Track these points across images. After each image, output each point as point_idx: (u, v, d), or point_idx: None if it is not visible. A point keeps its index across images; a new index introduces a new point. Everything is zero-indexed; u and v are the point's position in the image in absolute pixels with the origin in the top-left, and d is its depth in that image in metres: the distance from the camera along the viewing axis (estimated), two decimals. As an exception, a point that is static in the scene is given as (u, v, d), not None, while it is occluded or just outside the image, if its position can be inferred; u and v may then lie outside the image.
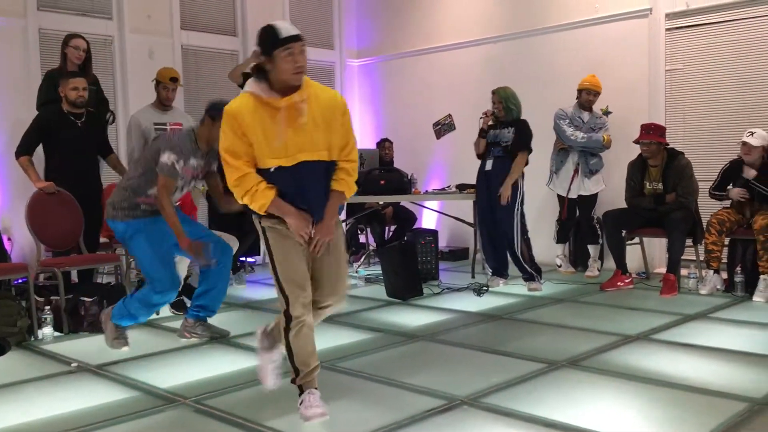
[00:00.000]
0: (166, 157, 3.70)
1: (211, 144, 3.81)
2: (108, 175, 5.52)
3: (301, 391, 2.76)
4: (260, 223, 2.74)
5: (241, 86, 6.50)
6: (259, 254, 6.70)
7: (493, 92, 5.47)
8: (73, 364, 3.68)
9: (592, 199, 5.95)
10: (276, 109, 2.58)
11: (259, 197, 2.62)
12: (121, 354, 3.79)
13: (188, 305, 4.34)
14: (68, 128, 4.75)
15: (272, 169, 2.62)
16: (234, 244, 5.06)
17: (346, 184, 2.77)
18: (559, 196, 6.07)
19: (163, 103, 5.54)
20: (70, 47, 5.14)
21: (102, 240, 5.28)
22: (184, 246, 3.79)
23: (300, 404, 2.74)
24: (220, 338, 4.10)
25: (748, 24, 5.67)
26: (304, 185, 2.66)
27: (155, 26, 6.72)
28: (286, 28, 2.56)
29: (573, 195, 5.95)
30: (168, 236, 3.81)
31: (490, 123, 5.48)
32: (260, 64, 2.61)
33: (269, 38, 2.56)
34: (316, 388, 2.76)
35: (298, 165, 2.63)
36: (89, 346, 4.04)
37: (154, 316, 4.69)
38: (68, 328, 4.35)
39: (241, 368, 3.53)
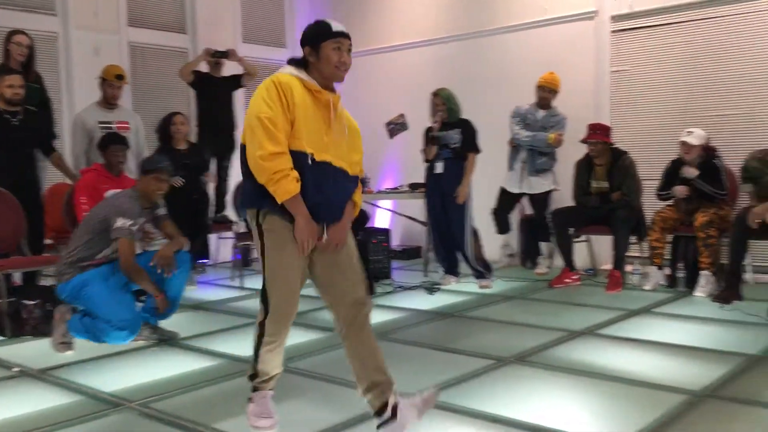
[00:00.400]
0: (121, 223, 3.73)
1: (150, 198, 3.92)
2: (53, 175, 5.38)
3: (255, 389, 2.65)
4: (259, 223, 2.48)
5: (191, 84, 6.43)
6: (208, 256, 6.62)
7: (435, 93, 5.48)
8: (14, 369, 3.58)
9: (543, 197, 6.01)
10: (318, 99, 2.47)
11: (286, 184, 2.35)
12: (65, 357, 3.71)
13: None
14: (3, 126, 4.61)
15: (308, 154, 2.41)
16: (185, 245, 4.99)
17: (359, 196, 2.67)
18: (503, 189, 6.11)
19: (108, 102, 5.43)
20: (12, 44, 5.00)
21: (47, 242, 5.15)
22: (158, 299, 3.87)
23: (250, 403, 2.64)
24: (168, 340, 4.04)
25: (689, 27, 5.84)
26: (324, 184, 2.46)
27: (101, 23, 6.58)
28: (337, 24, 2.53)
29: (516, 190, 6.01)
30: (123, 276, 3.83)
31: (429, 125, 5.52)
32: (303, 56, 2.51)
33: (320, 30, 2.51)
34: (271, 389, 2.66)
35: (325, 164, 2.47)
36: (31, 350, 3.94)
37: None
38: (10, 332, 4.23)
39: (189, 370, 3.48)
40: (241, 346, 3.91)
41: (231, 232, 6.55)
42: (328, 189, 2.48)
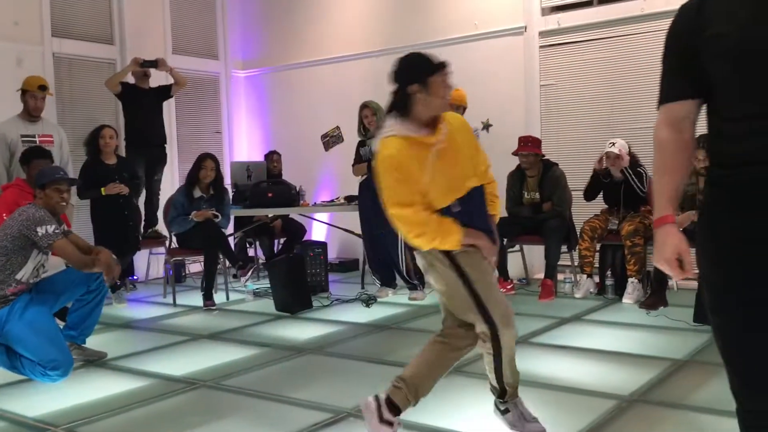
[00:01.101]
0: (43, 231, 3.54)
1: (55, 211, 3.73)
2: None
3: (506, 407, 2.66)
4: (441, 254, 2.52)
5: (118, 95, 6.27)
6: (134, 273, 6.43)
7: (365, 105, 5.48)
8: (-72, 397, 3.39)
9: None
10: (429, 146, 2.44)
11: (452, 232, 2.45)
12: (-15, 383, 3.53)
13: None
14: None
15: (450, 207, 2.48)
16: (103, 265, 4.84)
17: (497, 208, 2.74)
18: None
19: (31, 114, 5.24)
20: None
21: None
22: (108, 277, 3.73)
23: (508, 414, 2.66)
24: (95, 361, 3.90)
25: (614, 42, 6.05)
26: (473, 212, 2.55)
27: (23, 33, 6.33)
28: (433, 55, 2.52)
29: None
30: (48, 304, 3.65)
31: (360, 139, 5.54)
32: (407, 95, 2.46)
33: (424, 64, 2.49)
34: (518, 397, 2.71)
35: (468, 193, 2.53)
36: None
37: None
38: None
39: (118, 392, 3.37)
40: (173, 364, 3.81)
41: (162, 248, 6.40)
42: (474, 212, 2.56)
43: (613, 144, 5.29)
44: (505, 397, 2.67)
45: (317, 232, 7.62)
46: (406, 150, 2.42)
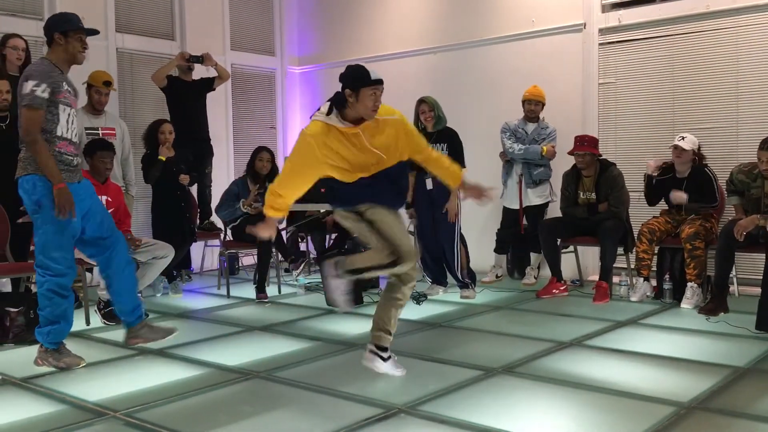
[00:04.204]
0: (25, 88, 3.38)
1: (70, 61, 3.59)
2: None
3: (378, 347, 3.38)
4: (351, 213, 3.32)
5: (163, 88, 6.37)
6: (190, 265, 6.55)
7: (422, 101, 5.44)
8: (-4, 378, 3.53)
9: (540, 208, 6.03)
10: (351, 135, 3.11)
11: (267, 207, 3.22)
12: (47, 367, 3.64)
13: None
14: None
15: (355, 181, 3.19)
16: (170, 252, 4.96)
17: (449, 165, 3.50)
18: (504, 208, 6.15)
19: (95, 107, 5.39)
20: (8, 48, 4.95)
21: (33, 248, 5.08)
22: (55, 190, 3.41)
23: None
24: (166, 337, 3.86)
25: (675, 40, 5.89)
26: (379, 187, 3.23)
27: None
28: (374, 72, 3.10)
29: (516, 206, 6.03)
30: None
31: None
32: (342, 95, 3.08)
33: (360, 76, 3.08)
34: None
35: (376, 174, 3.21)
36: (14, 358, 3.88)
37: (84, 326, 4.56)
38: (-7, 340, 4.17)
39: (174, 380, 3.44)
40: (227, 355, 3.88)
41: (217, 240, 6.52)
42: (377, 187, 3.23)
43: (683, 138, 5.15)
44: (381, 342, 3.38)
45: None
46: (321, 137, 3.09)
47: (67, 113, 3.58)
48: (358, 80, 3.06)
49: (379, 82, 3.08)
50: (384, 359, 3.37)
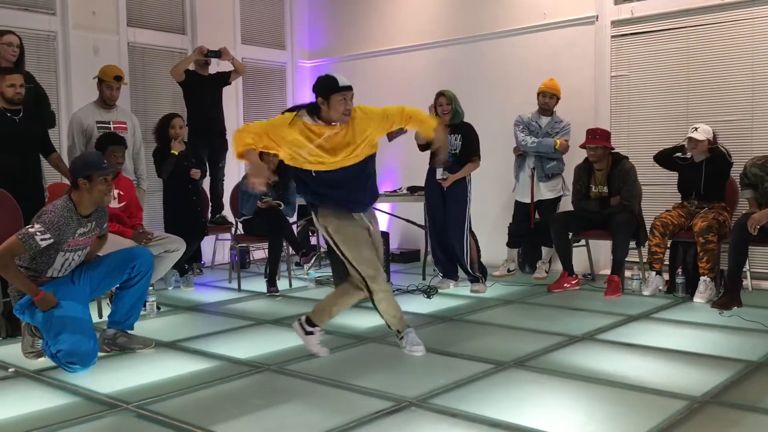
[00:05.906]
0: (32, 225, 3.43)
1: (96, 203, 3.61)
2: (51, 174, 5.34)
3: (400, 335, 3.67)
4: (321, 226, 3.58)
5: (181, 83, 6.39)
6: (201, 258, 6.58)
7: (441, 94, 5.44)
8: (10, 369, 3.56)
9: (553, 202, 6.00)
10: (317, 135, 3.39)
11: (236, 145, 3.40)
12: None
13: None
14: (5, 126, 4.57)
15: (314, 173, 3.46)
16: (182, 245, 4.97)
17: (426, 125, 3.72)
18: (516, 202, 6.12)
19: (106, 102, 5.41)
20: (2, 44, 4.96)
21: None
22: (37, 300, 3.43)
23: (404, 343, 3.67)
24: (141, 349, 3.85)
25: (689, 32, 5.83)
26: (341, 181, 3.48)
27: (100, 23, 6.55)
28: (343, 80, 3.36)
29: (528, 200, 6.00)
30: (81, 290, 3.63)
31: None
32: (315, 102, 3.37)
33: (330, 84, 3.35)
34: (408, 326, 3.72)
35: (338, 169, 3.46)
36: (27, 351, 3.90)
37: (96, 319, 4.59)
38: (6, 332, 4.20)
39: (185, 372, 3.46)
40: (238, 348, 3.89)
41: (228, 234, 6.54)
42: (341, 182, 3.49)
43: (696, 129, 5.12)
44: (393, 328, 3.69)
45: (379, 222, 7.62)
46: (296, 127, 3.37)
47: (64, 258, 3.59)
48: (328, 88, 3.34)
49: (348, 88, 3.36)
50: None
